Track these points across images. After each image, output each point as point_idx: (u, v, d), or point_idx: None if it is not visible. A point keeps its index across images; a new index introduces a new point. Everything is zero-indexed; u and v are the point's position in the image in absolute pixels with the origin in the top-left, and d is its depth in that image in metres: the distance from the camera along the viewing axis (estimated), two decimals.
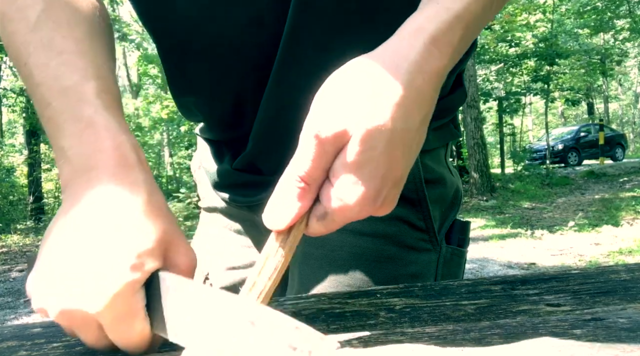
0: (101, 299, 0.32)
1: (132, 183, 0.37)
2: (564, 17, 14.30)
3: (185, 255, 0.37)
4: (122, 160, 0.37)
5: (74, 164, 0.37)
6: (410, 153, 0.36)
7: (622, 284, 0.45)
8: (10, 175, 11.87)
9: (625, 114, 33.03)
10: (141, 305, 0.33)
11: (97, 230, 0.34)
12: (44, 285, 0.34)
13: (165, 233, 0.36)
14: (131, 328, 0.33)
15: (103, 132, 0.38)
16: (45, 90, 0.40)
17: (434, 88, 0.36)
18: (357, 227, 0.58)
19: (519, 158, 12.21)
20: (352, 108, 0.34)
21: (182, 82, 0.61)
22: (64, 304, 0.33)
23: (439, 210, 0.61)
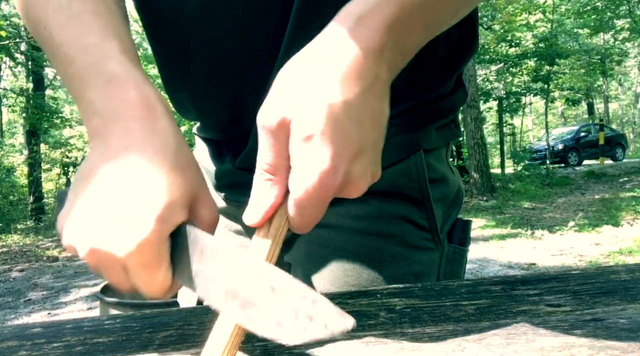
0: (130, 244, 0.33)
1: (161, 135, 0.38)
2: (564, 17, 14.29)
3: (209, 209, 0.38)
4: (150, 110, 0.38)
5: (102, 114, 0.38)
6: (364, 126, 0.36)
7: (622, 284, 0.45)
8: (11, 175, 11.87)
9: (626, 114, 33.03)
10: (166, 254, 0.35)
11: (129, 177, 0.35)
12: (75, 224, 0.35)
13: (192, 186, 0.37)
14: (154, 275, 0.35)
15: (129, 84, 0.39)
16: (67, 49, 0.42)
17: (372, 62, 0.36)
18: (361, 226, 0.58)
19: (519, 158, 12.21)
20: (290, 93, 0.35)
21: (178, 78, 0.61)
22: (94, 243, 0.34)
23: (441, 209, 0.61)
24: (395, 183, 0.58)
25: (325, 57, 0.36)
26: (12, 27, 10.45)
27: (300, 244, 0.62)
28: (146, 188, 0.34)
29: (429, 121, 0.61)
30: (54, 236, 8.67)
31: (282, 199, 0.36)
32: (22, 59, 12.03)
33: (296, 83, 0.36)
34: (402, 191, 0.59)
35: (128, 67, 0.40)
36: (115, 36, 0.42)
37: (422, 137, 0.60)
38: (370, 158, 0.36)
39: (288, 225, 0.36)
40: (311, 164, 0.34)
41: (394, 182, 0.58)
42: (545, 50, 11.52)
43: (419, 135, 0.60)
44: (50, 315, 3.82)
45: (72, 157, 13.48)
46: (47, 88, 14.04)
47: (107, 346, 0.38)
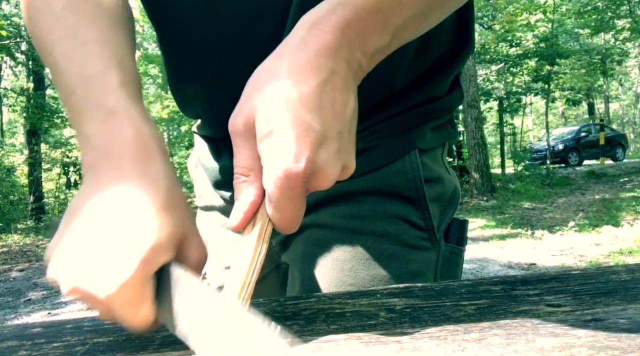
0: (111, 286, 0.33)
1: (153, 175, 0.38)
2: (565, 17, 14.28)
3: (197, 249, 0.38)
4: (144, 150, 0.39)
5: (97, 150, 0.39)
6: (324, 115, 0.36)
7: (622, 285, 0.45)
8: (11, 175, 11.88)
9: (626, 114, 33.02)
10: (149, 294, 0.35)
11: (116, 217, 0.35)
12: (60, 260, 0.35)
13: (180, 227, 0.37)
14: (136, 313, 0.35)
15: (126, 122, 0.39)
16: (69, 78, 0.42)
17: (327, 59, 0.37)
18: (358, 226, 0.58)
19: (520, 159, 12.20)
20: (250, 98, 0.37)
21: (182, 71, 0.62)
22: (75, 283, 0.34)
23: (437, 208, 0.62)
24: (390, 182, 0.59)
25: (282, 58, 0.38)
26: (12, 26, 10.45)
27: (297, 244, 0.62)
28: (132, 228, 0.34)
29: (424, 121, 0.61)
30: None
31: (259, 198, 0.37)
32: (22, 59, 12.04)
33: (257, 86, 0.37)
34: (398, 190, 0.59)
35: (126, 103, 0.41)
36: (118, 67, 0.43)
37: (417, 137, 0.60)
38: (336, 147, 0.37)
39: (272, 224, 0.37)
40: (275, 157, 0.35)
41: (390, 182, 0.59)
42: (545, 50, 11.52)
43: (414, 135, 0.60)
44: (50, 314, 3.83)
45: (73, 157, 13.48)
46: (47, 88, 14.03)
47: (107, 346, 0.38)
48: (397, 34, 0.42)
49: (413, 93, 0.61)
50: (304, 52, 0.37)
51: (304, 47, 0.37)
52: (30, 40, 4.84)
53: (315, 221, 0.60)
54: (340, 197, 0.59)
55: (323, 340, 0.35)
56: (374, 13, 0.40)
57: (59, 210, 12.12)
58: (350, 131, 0.39)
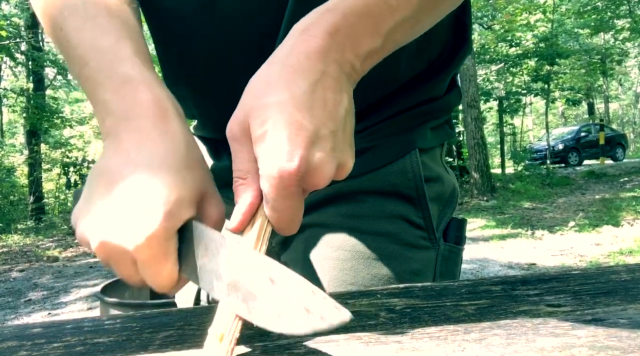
0: (139, 237, 0.34)
1: (172, 134, 0.39)
2: (564, 17, 14.28)
3: (216, 206, 0.40)
4: (162, 111, 0.40)
5: (115, 115, 0.40)
6: (315, 115, 0.37)
7: (622, 285, 0.45)
8: (11, 175, 11.88)
9: (626, 114, 33.02)
10: (173, 248, 0.36)
11: (140, 175, 0.36)
12: (88, 218, 0.37)
13: (201, 184, 0.39)
14: (161, 268, 0.36)
15: (142, 86, 0.41)
16: (82, 50, 0.43)
17: (316, 61, 0.38)
18: (358, 225, 0.59)
19: (520, 158, 12.20)
20: (245, 103, 0.38)
21: (178, 73, 0.62)
22: (105, 237, 0.36)
23: (437, 208, 0.62)
24: (391, 182, 0.59)
25: (274, 64, 0.39)
26: (12, 27, 10.45)
27: (297, 244, 0.62)
28: (156, 185, 0.36)
29: (423, 121, 0.62)
30: (54, 236, 8.67)
31: (257, 200, 0.37)
32: (22, 59, 12.03)
33: (251, 92, 0.38)
34: (398, 190, 0.59)
35: (141, 69, 0.42)
36: (129, 38, 0.44)
37: (417, 137, 0.61)
38: (330, 145, 0.37)
39: (271, 226, 0.38)
40: (269, 157, 0.35)
41: (390, 181, 0.59)
42: (545, 50, 11.52)
43: (414, 134, 0.61)
44: (51, 315, 3.83)
45: (73, 157, 13.48)
46: (47, 88, 14.04)
47: (107, 346, 0.38)
48: (390, 36, 0.42)
49: (412, 94, 0.61)
50: (294, 56, 0.38)
51: (294, 51, 0.39)
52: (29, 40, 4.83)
53: (316, 220, 0.60)
54: (341, 197, 0.60)
55: (323, 340, 0.35)
56: (363, 17, 0.40)
57: (59, 211, 12.13)
58: (345, 130, 0.39)
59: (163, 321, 0.43)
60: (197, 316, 0.44)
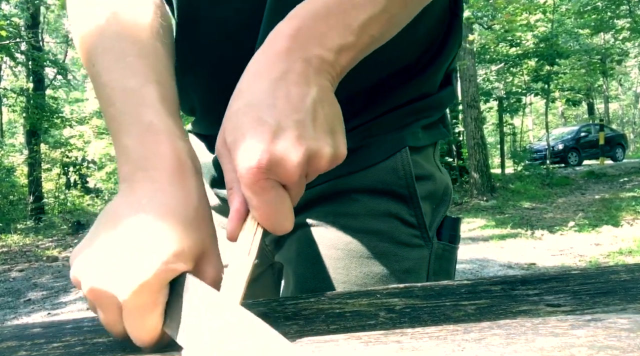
0: (130, 285, 0.34)
1: (187, 189, 0.40)
2: (564, 17, 14.28)
3: (214, 267, 0.39)
4: (180, 165, 0.40)
5: (134, 162, 0.40)
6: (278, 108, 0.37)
7: (622, 284, 0.45)
8: (11, 175, 11.88)
9: (626, 114, 33.03)
10: (162, 300, 0.35)
11: (144, 224, 0.36)
12: (84, 258, 0.37)
13: (203, 242, 0.38)
14: (147, 320, 0.35)
15: (163, 137, 0.41)
16: (110, 90, 0.44)
17: (279, 61, 0.40)
18: (351, 224, 0.59)
19: (519, 159, 12.21)
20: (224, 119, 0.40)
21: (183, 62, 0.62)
22: (96, 282, 0.35)
23: (429, 206, 0.62)
24: (382, 180, 0.59)
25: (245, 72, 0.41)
26: (12, 27, 10.45)
27: (290, 243, 0.63)
28: (158, 233, 0.36)
29: (415, 119, 0.62)
30: (53, 236, 8.68)
31: (242, 206, 0.38)
32: (22, 59, 12.03)
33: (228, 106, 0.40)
34: (390, 188, 0.59)
35: (164, 118, 0.42)
36: (157, 82, 0.45)
37: (409, 135, 0.61)
38: (295, 134, 0.37)
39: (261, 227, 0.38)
40: (238, 160, 0.36)
41: (381, 179, 0.59)
42: (545, 50, 11.51)
43: (406, 133, 0.61)
44: (50, 315, 3.83)
45: (72, 157, 13.49)
46: (47, 88, 14.04)
47: (107, 346, 0.38)
48: (364, 32, 0.43)
49: (403, 89, 0.61)
50: (258, 62, 0.40)
51: (259, 57, 0.41)
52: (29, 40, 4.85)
53: (308, 220, 0.60)
54: (333, 196, 0.60)
55: (323, 340, 0.35)
56: (324, 17, 0.42)
57: (58, 210, 12.13)
58: (316, 118, 0.39)
59: None
60: None
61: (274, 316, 0.42)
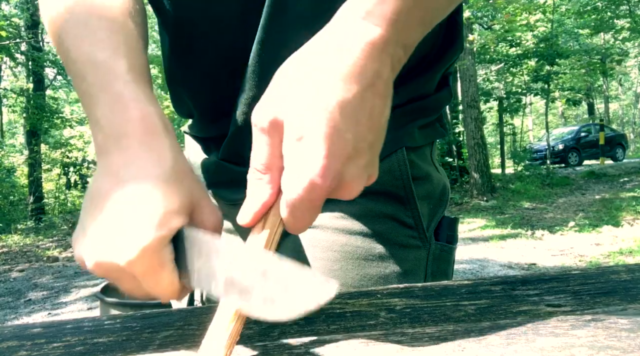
0: (131, 252, 0.35)
1: (159, 149, 0.40)
2: (564, 17, 14.28)
3: (210, 214, 0.40)
4: (149, 128, 0.40)
5: (106, 132, 0.41)
6: (360, 126, 0.35)
7: (622, 285, 0.45)
8: (11, 175, 11.87)
9: (626, 114, 33.02)
10: (168, 258, 0.36)
11: (128, 191, 0.37)
12: (82, 240, 0.38)
13: (190, 194, 0.38)
14: (160, 279, 0.36)
15: (131, 103, 0.41)
16: (81, 65, 0.44)
17: (372, 58, 0.35)
18: (347, 225, 0.58)
19: (520, 159, 12.20)
20: (286, 92, 0.35)
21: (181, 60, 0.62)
22: (98, 256, 0.36)
23: (427, 207, 0.61)
24: (378, 181, 0.58)
25: (325, 53, 0.35)
26: (12, 27, 10.45)
27: (286, 244, 0.62)
28: (142, 199, 0.36)
29: (411, 119, 0.61)
30: (54, 236, 8.67)
31: (274, 198, 0.36)
32: (22, 59, 12.04)
33: (293, 81, 0.35)
34: (386, 189, 0.59)
35: (132, 86, 0.42)
36: (126, 54, 0.44)
37: (405, 135, 0.60)
38: (366, 160, 0.36)
39: (283, 225, 0.36)
40: (302, 165, 0.33)
41: (378, 180, 0.58)
42: (545, 50, 11.51)
43: (401, 133, 0.60)
44: (51, 315, 3.82)
45: (72, 157, 13.48)
46: (47, 88, 14.03)
47: (107, 346, 0.38)
48: (428, 24, 0.40)
49: (400, 91, 0.61)
50: (351, 48, 0.35)
51: (351, 43, 0.35)
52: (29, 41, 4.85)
53: None
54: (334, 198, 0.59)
55: (323, 340, 0.35)
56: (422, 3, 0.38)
57: (59, 211, 12.13)
58: (381, 141, 0.37)
59: (163, 321, 0.43)
60: (197, 316, 0.44)
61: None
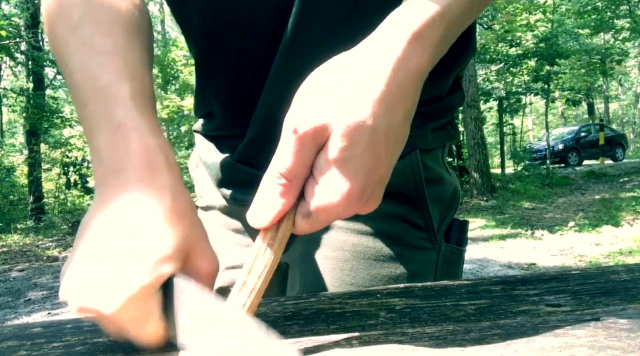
0: (115, 301, 0.33)
1: (158, 188, 0.37)
2: (564, 17, 14.28)
3: (206, 260, 0.38)
4: (149, 163, 0.38)
5: (105, 165, 0.39)
6: (394, 151, 0.36)
7: (622, 284, 0.45)
8: (11, 175, 11.87)
9: (626, 114, 33.02)
10: (155, 308, 0.34)
11: (119, 234, 0.35)
12: (69, 280, 0.35)
13: (185, 239, 0.36)
14: (144, 329, 0.34)
15: (133, 135, 0.39)
16: (83, 90, 0.42)
17: (416, 85, 0.36)
18: (358, 226, 0.58)
19: (519, 159, 12.20)
20: (332, 103, 0.34)
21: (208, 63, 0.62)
22: (82, 302, 0.34)
23: (438, 209, 0.62)
24: (391, 182, 0.58)
25: (378, 71, 0.34)
26: (12, 27, 10.45)
27: (297, 244, 0.62)
28: (134, 244, 0.34)
29: (424, 122, 0.61)
30: (53, 236, 8.67)
31: (292, 206, 0.35)
32: (22, 59, 12.03)
33: (343, 92, 0.34)
34: (399, 190, 0.59)
35: (135, 115, 0.40)
36: (130, 78, 0.42)
37: (418, 137, 0.60)
38: (385, 184, 0.37)
39: (292, 228, 0.36)
40: (339, 184, 0.33)
41: (390, 182, 0.59)
42: (545, 50, 11.51)
43: (415, 135, 0.60)
44: (50, 314, 3.82)
45: (72, 157, 13.47)
46: (47, 88, 14.02)
47: (107, 346, 0.38)
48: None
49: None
50: (403, 71, 0.35)
51: (405, 64, 0.35)
52: (29, 40, 4.83)
53: None
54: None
55: (323, 340, 0.35)
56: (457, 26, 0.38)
57: (58, 210, 12.13)
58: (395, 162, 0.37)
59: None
60: None
61: (274, 316, 0.42)
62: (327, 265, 0.59)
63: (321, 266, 0.59)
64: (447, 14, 0.37)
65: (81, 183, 13.94)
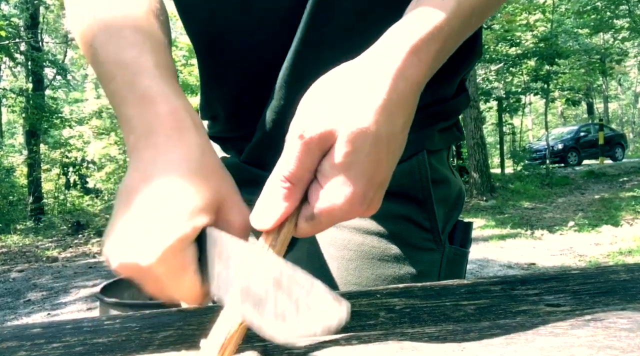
0: (153, 253, 0.34)
1: (186, 145, 0.39)
2: (564, 16, 14.29)
3: (238, 213, 0.39)
4: (177, 123, 0.40)
5: (136, 131, 0.40)
6: (394, 157, 0.37)
7: (621, 284, 0.45)
8: (10, 175, 11.87)
9: (625, 114, 33.04)
10: (191, 259, 0.35)
11: (153, 192, 0.36)
12: (110, 239, 0.37)
13: (217, 192, 0.38)
14: (181, 281, 0.35)
15: (159, 99, 0.41)
16: (109, 66, 0.44)
17: (414, 95, 0.38)
18: (363, 225, 0.59)
19: (519, 158, 12.21)
20: (338, 109, 0.35)
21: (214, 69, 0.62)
22: (122, 257, 0.36)
23: (443, 210, 0.62)
24: (398, 183, 0.59)
25: (380, 80, 0.36)
26: (12, 27, 10.45)
27: (302, 244, 0.62)
28: (167, 197, 0.36)
29: (432, 123, 0.62)
30: (53, 236, 8.67)
31: (294, 208, 0.36)
32: (21, 59, 12.03)
33: (348, 100, 0.35)
34: (405, 191, 0.59)
35: (160, 82, 0.42)
36: (152, 50, 0.44)
37: (425, 138, 0.60)
38: (384, 190, 0.38)
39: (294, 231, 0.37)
40: (343, 188, 0.35)
41: (397, 182, 0.59)
42: (545, 49, 11.51)
43: (422, 136, 0.60)
44: (50, 315, 3.82)
45: (72, 157, 13.47)
46: (46, 88, 14.03)
47: (106, 346, 0.38)
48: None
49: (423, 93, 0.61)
50: (403, 81, 0.36)
51: (404, 74, 0.36)
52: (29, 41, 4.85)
53: None
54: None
55: (323, 340, 0.35)
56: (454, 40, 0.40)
57: (58, 211, 12.12)
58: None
59: (162, 321, 0.43)
60: (197, 316, 0.44)
61: None
62: (332, 265, 0.59)
63: (325, 265, 0.59)
64: (445, 28, 0.38)
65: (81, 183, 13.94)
